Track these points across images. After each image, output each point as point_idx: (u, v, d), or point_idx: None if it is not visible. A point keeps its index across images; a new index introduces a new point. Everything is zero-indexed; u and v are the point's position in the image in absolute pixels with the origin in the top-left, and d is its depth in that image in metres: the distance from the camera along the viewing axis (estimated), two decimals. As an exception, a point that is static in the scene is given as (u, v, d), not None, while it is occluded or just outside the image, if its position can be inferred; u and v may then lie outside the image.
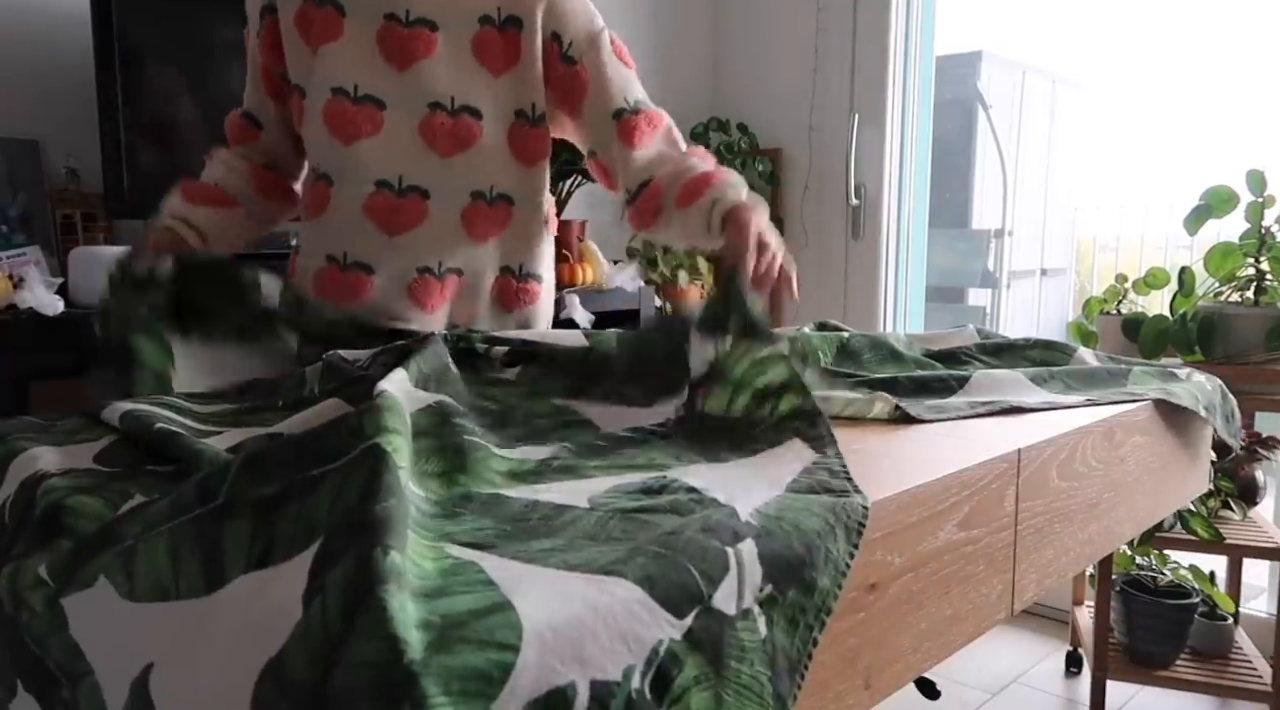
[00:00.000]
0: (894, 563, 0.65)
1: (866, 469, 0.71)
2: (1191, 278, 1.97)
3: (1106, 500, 0.97)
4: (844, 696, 0.62)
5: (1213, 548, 1.89)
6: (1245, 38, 3.55)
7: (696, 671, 0.48)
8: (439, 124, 1.13)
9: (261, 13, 1.17)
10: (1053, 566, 0.88)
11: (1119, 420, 0.98)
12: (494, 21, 1.14)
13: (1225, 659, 2.00)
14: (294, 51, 1.15)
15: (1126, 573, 2.07)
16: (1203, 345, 1.89)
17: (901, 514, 0.66)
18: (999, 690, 2.19)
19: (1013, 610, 0.81)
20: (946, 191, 4.51)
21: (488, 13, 1.14)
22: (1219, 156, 3.61)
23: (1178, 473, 1.14)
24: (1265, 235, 1.88)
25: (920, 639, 0.69)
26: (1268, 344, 1.83)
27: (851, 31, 2.71)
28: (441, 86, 1.13)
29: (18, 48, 1.73)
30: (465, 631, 0.41)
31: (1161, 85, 4.09)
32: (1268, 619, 2.22)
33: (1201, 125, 3.85)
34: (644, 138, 1.16)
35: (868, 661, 0.64)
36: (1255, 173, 1.89)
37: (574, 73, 1.16)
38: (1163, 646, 1.96)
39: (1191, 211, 1.99)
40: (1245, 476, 2.00)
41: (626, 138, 1.15)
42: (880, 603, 0.65)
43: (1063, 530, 0.89)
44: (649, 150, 1.16)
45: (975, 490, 0.74)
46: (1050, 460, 0.85)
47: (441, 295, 1.18)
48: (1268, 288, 1.89)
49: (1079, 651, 2.27)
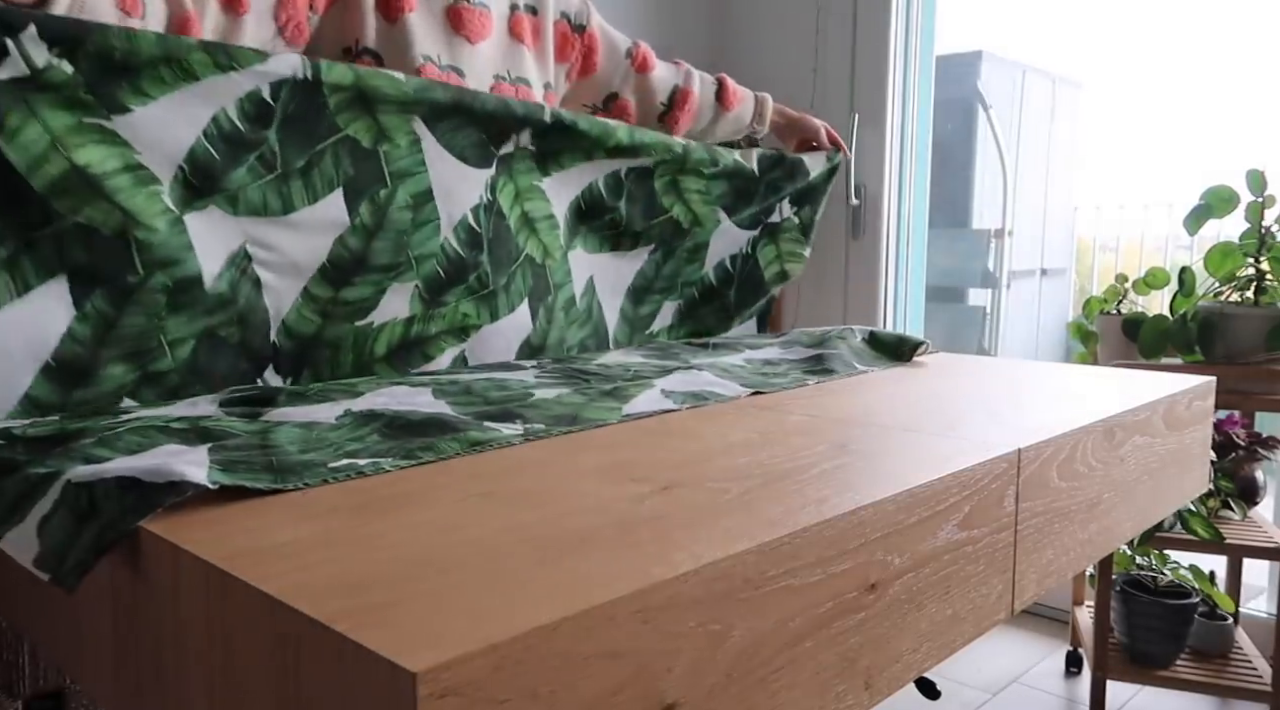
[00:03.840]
0: (894, 563, 0.65)
1: (867, 469, 0.71)
2: (1191, 278, 1.97)
3: (1106, 500, 0.97)
4: (844, 696, 0.62)
5: (1213, 548, 1.89)
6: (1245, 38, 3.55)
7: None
8: (506, 92, 1.25)
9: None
10: (1053, 566, 0.88)
11: (1119, 420, 0.98)
12: (519, 8, 1.30)
13: (1225, 659, 2.00)
14: (365, 14, 1.12)
15: (1126, 573, 2.07)
16: (1203, 345, 1.89)
17: (901, 514, 0.66)
18: (999, 690, 2.19)
19: (1013, 610, 0.81)
20: (946, 191, 4.50)
21: (514, 1, 1.29)
22: (1219, 156, 3.61)
23: (1178, 473, 1.14)
24: (1265, 235, 1.88)
25: (920, 639, 0.69)
26: (1268, 344, 1.83)
27: (851, 31, 2.71)
28: (499, 61, 1.26)
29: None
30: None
31: (1161, 85, 4.09)
32: (1268, 619, 2.22)
33: (1201, 125, 3.84)
34: (650, 60, 1.47)
35: (868, 661, 0.64)
36: (1255, 173, 1.89)
37: (587, 36, 1.39)
38: (1163, 646, 1.96)
39: (1191, 211, 1.99)
40: (1245, 476, 2.00)
41: (642, 66, 1.45)
42: (880, 603, 0.65)
43: (1063, 530, 0.89)
44: (661, 68, 1.49)
45: (975, 490, 0.74)
46: (1050, 460, 0.85)
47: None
48: (1268, 288, 1.89)
49: (1079, 651, 2.27)
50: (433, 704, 0.38)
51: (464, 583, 0.48)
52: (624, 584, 0.48)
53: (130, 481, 0.60)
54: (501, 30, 1.27)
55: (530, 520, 0.58)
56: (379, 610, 0.44)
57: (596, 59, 1.40)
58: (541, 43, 1.33)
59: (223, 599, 0.50)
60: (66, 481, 0.61)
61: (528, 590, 0.47)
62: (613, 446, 0.78)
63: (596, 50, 1.40)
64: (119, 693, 0.63)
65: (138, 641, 0.60)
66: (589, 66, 1.40)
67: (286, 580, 0.48)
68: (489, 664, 0.41)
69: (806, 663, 0.59)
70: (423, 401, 0.87)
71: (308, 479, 0.64)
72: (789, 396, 1.01)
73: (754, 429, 0.85)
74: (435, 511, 0.60)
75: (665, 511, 0.60)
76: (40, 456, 0.66)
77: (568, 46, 1.37)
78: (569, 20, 1.36)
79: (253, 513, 0.59)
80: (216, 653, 0.51)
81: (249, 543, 0.54)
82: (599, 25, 1.41)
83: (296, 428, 0.77)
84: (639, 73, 1.45)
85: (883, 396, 1.03)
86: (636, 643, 0.47)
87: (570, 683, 0.44)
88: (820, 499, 0.63)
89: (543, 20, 1.32)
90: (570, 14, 1.37)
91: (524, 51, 1.29)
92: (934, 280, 3.01)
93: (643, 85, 1.46)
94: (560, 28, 1.35)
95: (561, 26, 1.35)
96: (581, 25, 1.38)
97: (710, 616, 0.52)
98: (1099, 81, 5.00)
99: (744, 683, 0.54)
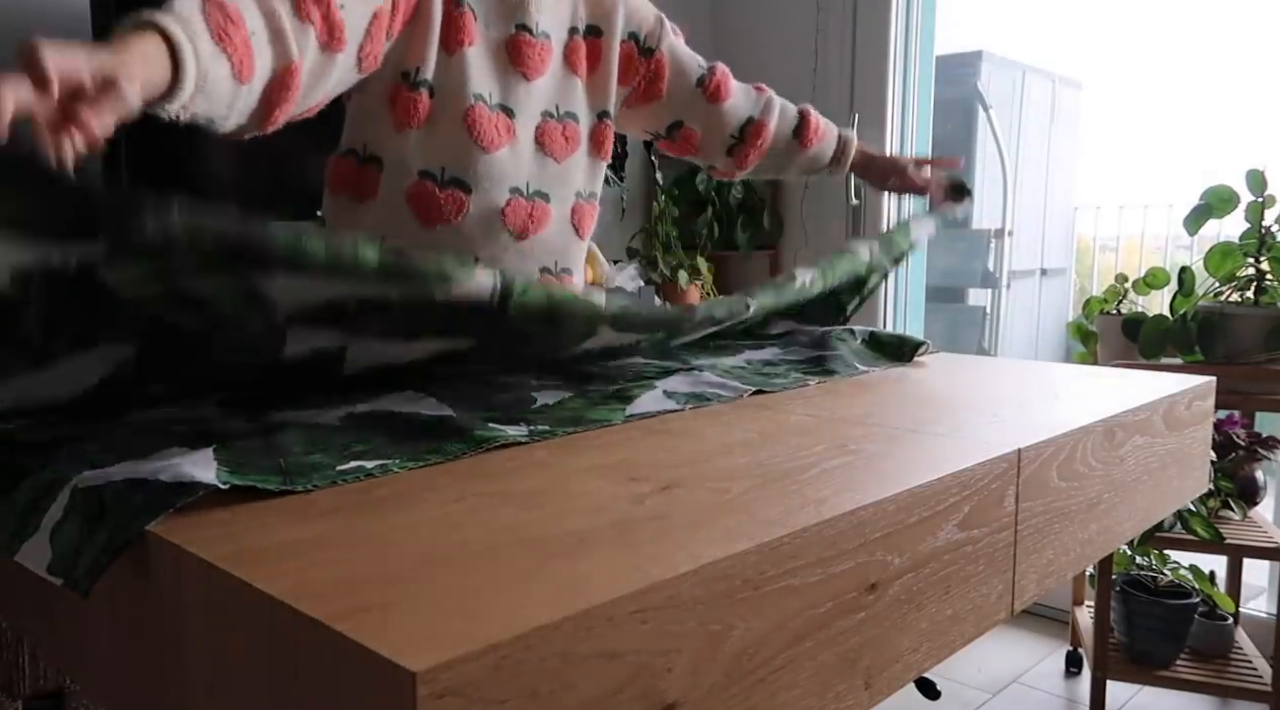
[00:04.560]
0: (894, 563, 0.65)
1: (867, 469, 0.71)
2: (1191, 278, 1.97)
3: (1106, 500, 0.97)
4: (844, 696, 0.62)
5: (1213, 548, 1.89)
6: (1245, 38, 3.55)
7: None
8: (552, 130, 1.20)
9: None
10: (1053, 566, 0.88)
11: (1119, 420, 0.98)
12: (579, 32, 1.22)
13: (1225, 659, 2.00)
14: (429, 47, 1.08)
15: (1126, 573, 2.07)
16: (1203, 345, 1.89)
17: (901, 514, 0.66)
18: (999, 690, 2.19)
19: (1013, 610, 0.81)
20: (946, 191, 4.49)
21: (574, 24, 1.22)
22: (1219, 156, 3.61)
23: (1178, 473, 1.14)
24: (1265, 235, 1.88)
25: (920, 639, 0.69)
26: (1268, 344, 1.83)
27: (851, 31, 2.71)
28: (551, 96, 1.20)
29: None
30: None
31: (1161, 85, 4.09)
32: (1268, 619, 2.22)
33: (1201, 125, 3.84)
34: (724, 89, 1.35)
35: (868, 661, 0.64)
36: (1255, 173, 1.89)
37: (655, 61, 1.29)
38: (1163, 646, 1.96)
39: (1191, 211, 1.99)
40: (1245, 476, 2.00)
41: (714, 96, 1.34)
42: (880, 603, 0.65)
43: (1063, 530, 0.89)
44: (736, 97, 1.36)
45: (975, 490, 0.74)
46: (1050, 460, 0.85)
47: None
48: (1268, 288, 1.89)
49: (1079, 651, 2.27)
50: (432, 704, 0.38)
51: (464, 583, 0.48)
52: (624, 584, 0.48)
53: (139, 483, 0.59)
54: (558, 61, 1.21)
55: (530, 520, 0.58)
56: (379, 610, 0.44)
57: (662, 86, 1.31)
58: (602, 67, 1.25)
59: (223, 599, 0.50)
60: (74, 487, 0.61)
61: (528, 590, 0.47)
62: (612, 446, 0.78)
63: (663, 77, 1.30)
64: (119, 693, 0.63)
65: (138, 641, 0.60)
66: (654, 92, 1.31)
67: (287, 580, 0.48)
68: (489, 664, 0.41)
69: (806, 663, 0.59)
70: (426, 404, 0.87)
71: (316, 481, 0.64)
72: (789, 396, 1.01)
73: (754, 429, 0.85)
74: (435, 511, 0.60)
75: (665, 511, 0.60)
76: (45, 462, 0.66)
77: (631, 70, 1.28)
78: (637, 42, 1.27)
79: (253, 513, 0.59)
80: (216, 653, 0.52)
81: (249, 542, 0.54)
82: (670, 49, 1.30)
83: (300, 429, 0.77)
84: (710, 102, 1.34)
85: (883, 396, 1.03)
86: (636, 643, 0.47)
87: (570, 683, 0.44)
88: (820, 499, 0.63)
89: (607, 41, 1.24)
90: (641, 35, 1.27)
91: (576, 82, 1.23)
92: (934, 280, 3.01)
93: (712, 115, 1.35)
94: (626, 49, 1.26)
95: (628, 48, 1.27)
96: (650, 49, 1.28)
97: (710, 616, 0.52)
98: (1099, 81, 5.00)
99: (744, 683, 0.54)
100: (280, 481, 0.63)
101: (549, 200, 1.21)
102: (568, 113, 1.21)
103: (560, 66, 1.20)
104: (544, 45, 1.17)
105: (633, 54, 1.27)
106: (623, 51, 1.25)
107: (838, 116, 2.74)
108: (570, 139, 1.22)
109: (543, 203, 1.20)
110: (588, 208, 1.28)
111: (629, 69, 1.27)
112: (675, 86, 1.31)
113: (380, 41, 1.02)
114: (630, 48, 1.26)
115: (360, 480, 0.66)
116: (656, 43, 1.28)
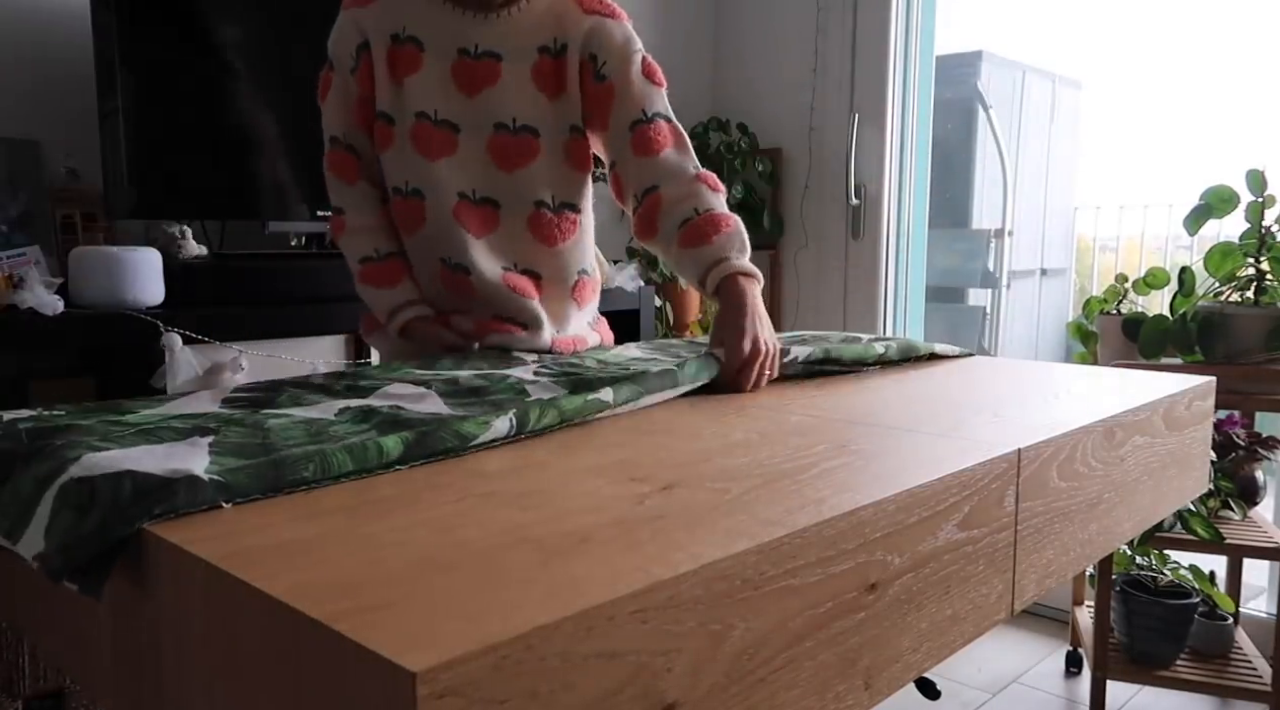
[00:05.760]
0: (894, 563, 0.65)
1: (866, 469, 0.71)
2: (1191, 278, 1.97)
3: (1106, 500, 0.97)
4: (844, 696, 0.62)
5: (1213, 548, 1.89)
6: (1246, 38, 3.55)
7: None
8: (503, 142, 1.24)
9: (357, 51, 1.25)
10: (1053, 566, 0.88)
11: (1119, 420, 0.98)
12: (550, 51, 1.25)
13: (1225, 659, 2.00)
14: (381, 84, 1.24)
15: (1126, 573, 2.07)
16: (1203, 345, 1.89)
17: (901, 514, 0.66)
18: (999, 690, 2.19)
19: (1013, 610, 0.81)
20: (946, 191, 4.50)
21: (545, 44, 1.25)
22: (1219, 156, 3.60)
23: (1178, 473, 1.14)
24: (1265, 235, 1.88)
25: (920, 639, 0.69)
26: (1268, 344, 1.83)
27: (851, 31, 2.71)
28: (505, 110, 1.24)
29: (18, 48, 1.73)
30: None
31: (1161, 85, 4.09)
32: (1268, 619, 2.22)
33: (1201, 125, 3.84)
34: (653, 146, 1.24)
35: (868, 661, 0.64)
36: (1255, 173, 1.89)
37: (604, 88, 1.25)
38: (1163, 646, 1.97)
39: (1191, 211, 1.99)
40: (1245, 476, 2.00)
41: (638, 146, 1.24)
42: (880, 603, 0.65)
43: (1063, 530, 0.89)
44: (655, 159, 1.24)
45: (975, 490, 0.74)
46: (1050, 460, 0.85)
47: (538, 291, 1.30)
48: (1268, 288, 1.89)
49: (1079, 651, 2.27)
50: (432, 704, 0.38)
51: (464, 583, 0.48)
52: (624, 584, 0.48)
53: (129, 473, 0.60)
54: (520, 78, 1.23)
55: (530, 520, 0.58)
56: (379, 610, 0.44)
57: (608, 118, 1.25)
58: (568, 84, 1.25)
59: (222, 599, 0.50)
60: (69, 478, 0.61)
61: (527, 590, 0.47)
62: (613, 446, 0.78)
63: (609, 107, 1.24)
64: (119, 693, 0.63)
65: (138, 641, 0.60)
66: (602, 121, 1.26)
67: (286, 580, 0.48)
68: (489, 664, 0.41)
69: (806, 663, 0.59)
70: (423, 401, 0.87)
71: (304, 473, 0.64)
72: (789, 396, 1.02)
73: (754, 429, 0.85)
74: (435, 511, 0.60)
75: (665, 511, 0.60)
76: (45, 453, 0.66)
77: (586, 89, 1.26)
78: (594, 64, 1.24)
79: (253, 512, 0.59)
80: (216, 653, 0.52)
81: (249, 542, 0.54)
82: (625, 83, 1.24)
83: (297, 423, 0.77)
84: (634, 151, 1.24)
85: (883, 396, 1.03)
86: (636, 643, 0.47)
87: (570, 683, 0.44)
88: (820, 499, 0.63)
89: (570, 58, 1.24)
90: (600, 57, 1.24)
91: (541, 98, 1.24)
92: (934, 280, 3.01)
93: (630, 165, 1.25)
94: (583, 67, 1.25)
95: (585, 67, 1.25)
96: (604, 75, 1.24)
97: (710, 616, 0.52)
98: (1099, 81, 5.00)
99: (744, 683, 0.54)
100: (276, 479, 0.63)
101: (498, 206, 1.26)
102: (524, 127, 1.24)
103: (528, 83, 1.24)
104: (488, 65, 1.23)
105: (588, 74, 1.25)
106: (581, 69, 1.25)
107: (838, 116, 2.75)
108: (525, 151, 1.25)
109: (491, 208, 1.26)
110: (555, 218, 1.28)
111: (584, 88, 1.26)
112: (615, 121, 1.25)
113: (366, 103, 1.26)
114: (589, 68, 1.25)
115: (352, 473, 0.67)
116: (612, 71, 1.24)
